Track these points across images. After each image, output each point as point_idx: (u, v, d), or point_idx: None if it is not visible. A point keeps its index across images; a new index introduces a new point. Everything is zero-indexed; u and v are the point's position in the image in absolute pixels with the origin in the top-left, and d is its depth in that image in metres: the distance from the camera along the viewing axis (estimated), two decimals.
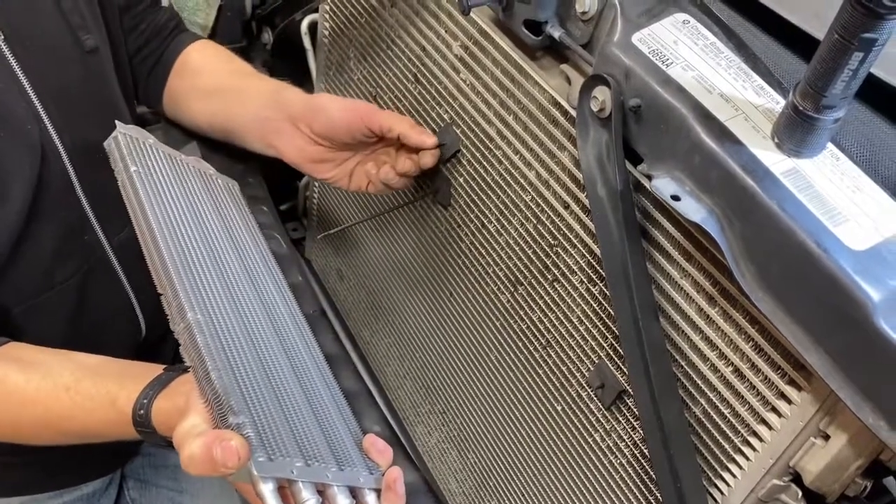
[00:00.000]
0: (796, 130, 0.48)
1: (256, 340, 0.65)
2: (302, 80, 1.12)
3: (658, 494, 0.63)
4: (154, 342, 0.99)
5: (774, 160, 0.49)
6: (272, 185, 1.07)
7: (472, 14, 0.71)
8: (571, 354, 0.70)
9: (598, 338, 0.66)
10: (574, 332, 0.69)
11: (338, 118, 0.81)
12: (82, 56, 0.80)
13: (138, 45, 0.93)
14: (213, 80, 0.94)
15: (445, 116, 0.79)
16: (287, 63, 1.11)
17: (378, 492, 0.62)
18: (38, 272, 0.80)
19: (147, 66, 0.95)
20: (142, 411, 0.63)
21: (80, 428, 0.68)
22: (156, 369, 0.68)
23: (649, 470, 0.64)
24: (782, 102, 0.52)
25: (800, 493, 0.54)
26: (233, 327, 0.63)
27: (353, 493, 0.59)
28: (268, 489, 0.53)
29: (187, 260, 0.66)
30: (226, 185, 0.85)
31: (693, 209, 0.51)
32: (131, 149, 0.72)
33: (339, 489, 0.58)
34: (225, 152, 1.00)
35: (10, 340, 0.73)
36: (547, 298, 0.71)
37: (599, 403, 0.68)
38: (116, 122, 0.75)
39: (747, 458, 0.56)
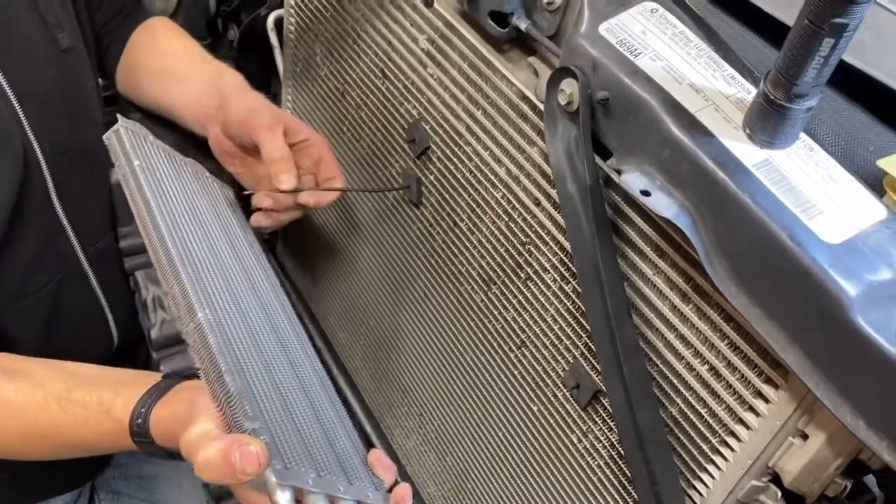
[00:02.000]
0: (768, 121, 0.46)
1: (260, 345, 0.63)
2: (269, 77, 1.09)
3: (636, 495, 0.61)
4: (126, 351, 0.96)
5: (746, 152, 0.48)
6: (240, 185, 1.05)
7: (436, 5, 0.69)
8: (546, 354, 0.68)
9: (573, 336, 0.65)
10: (548, 332, 0.67)
11: (233, 117, 0.79)
12: (58, 55, 0.78)
13: (101, 23, 0.92)
14: (160, 60, 0.92)
15: (414, 112, 0.77)
16: (254, 60, 1.08)
17: None
18: (15, 279, 0.77)
19: (104, 44, 0.94)
20: (139, 420, 0.61)
21: (73, 440, 0.65)
22: (151, 377, 0.65)
23: (627, 471, 0.62)
24: (753, 92, 0.51)
25: (779, 494, 0.52)
26: (239, 329, 0.61)
27: None
28: (285, 498, 0.50)
29: (192, 258, 0.63)
30: (221, 187, 0.82)
31: (664, 204, 0.49)
32: (133, 143, 0.70)
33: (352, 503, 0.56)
34: (194, 152, 0.98)
35: None
36: (521, 297, 0.70)
37: (575, 404, 0.66)
38: (118, 115, 0.73)
39: (725, 459, 0.54)
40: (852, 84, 0.56)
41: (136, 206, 0.65)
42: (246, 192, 0.84)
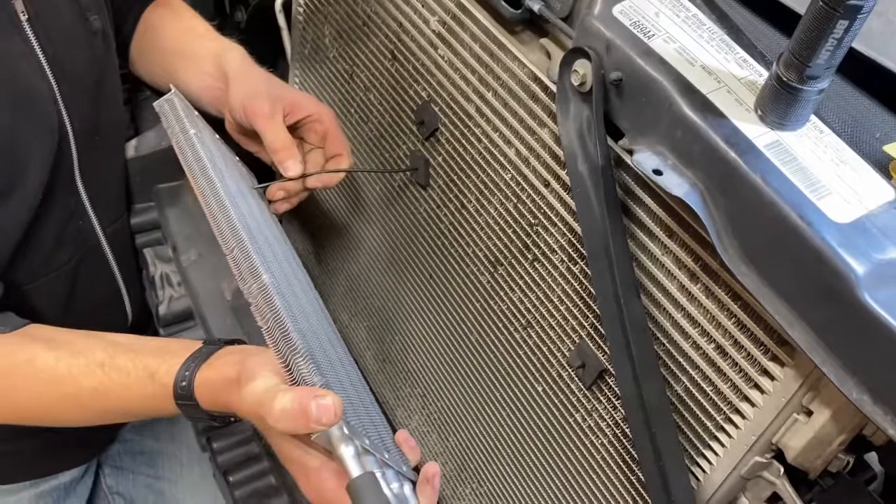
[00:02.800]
0: (780, 102, 0.47)
1: (307, 314, 0.64)
2: (277, 58, 1.10)
3: (640, 474, 0.63)
4: (139, 328, 0.97)
5: (757, 133, 0.48)
6: (246, 164, 1.05)
7: None
8: (552, 334, 0.69)
9: (579, 317, 0.65)
10: (555, 312, 0.68)
11: (236, 103, 0.80)
12: (89, 37, 0.79)
13: (117, 5, 0.92)
14: (168, 41, 0.93)
15: (423, 94, 0.78)
16: (261, 42, 1.08)
17: (413, 483, 0.61)
18: (38, 258, 0.79)
19: (118, 25, 0.94)
20: (184, 383, 0.62)
21: (116, 404, 0.66)
22: (191, 344, 0.66)
23: (631, 449, 0.63)
24: (765, 75, 0.51)
25: (782, 470, 0.53)
26: (290, 296, 0.62)
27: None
28: (349, 452, 0.51)
29: (247, 224, 0.64)
30: (246, 170, 0.83)
31: (675, 183, 0.50)
32: (188, 111, 0.70)
33: (393, 472, 0.57)
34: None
35: (31, 322, 0.71)
36: (527, 278, 0.70)
37: (580, 383, 0.67)
38: (171, 85, 0.72)
39: (730, 436, 0.55)
40: (859, 71, 0.57)
41: (192, 172, 0.65)
42: (257, 187, 0.84)
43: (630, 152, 0.55)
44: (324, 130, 0.81)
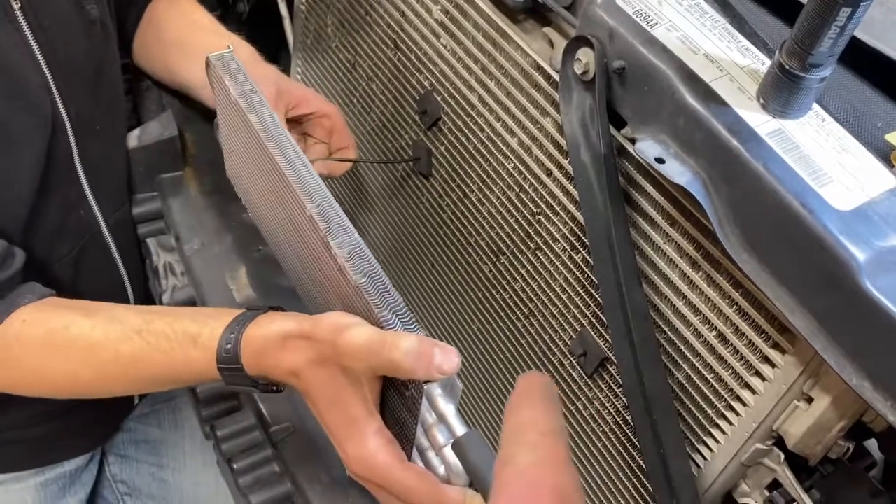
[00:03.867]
0: (782, 90, 0.47)
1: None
2: (279, 48, 1.10)
3: (641, 461, 0.63)
4: None
5: (760, 121, 0.49)
6: None
7: None
8: (554, 323, 0.69)
9: (581, 306, 0.66)
10: (556, 301, 0.68)
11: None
12: (86, 26, 0.79)
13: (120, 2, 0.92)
14: (173, 34, 0.92)
15: (426, 83, 0.78)
16: (263, 32, 1.08)
17: None
18: (41, 248, 0.79)
19: (122, 17, 0.94)
20: (229, 346, 0.60)
21: (155, 371, 0.65)
22: (227, 310, 0.64)
23: (632, 437, 0.64)
24: (768, 63, 0.51)
25: (782, 457, 0.54)
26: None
27: None
28: (451, 411, 0.51)
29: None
30: None
31: (678, 171, 0.50)
32: (243, 70, 0.67)
33: None
34: (201, 121, 0.99)
35: (55, 293, 0.71)
36: (529, 267, 0.71)
37: (582, 371, 0.67)
38: (229, 44, 0.71)
39: (730, 423, 0.55)
40: (861, 60, 0.57)
41: (261, 131, 0.62)
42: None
43: (633, 141, 0.55)
44: (330, 126, 0.82)
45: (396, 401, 0.55)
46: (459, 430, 0.51)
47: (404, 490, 0.52)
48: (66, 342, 0.66)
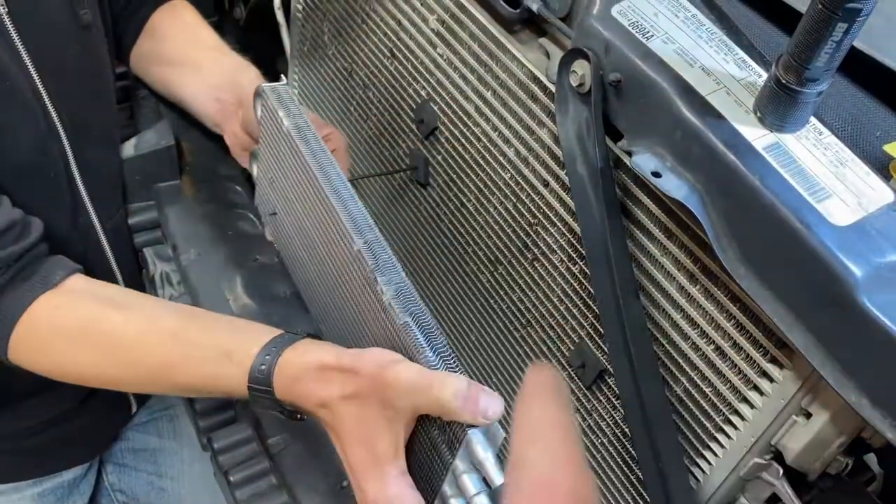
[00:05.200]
0: (779, 104, 0.47)
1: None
2: (276, 56, 1.09)
3: (639, 473, 0.63)
4: None
5: (756, 135, 0.48)
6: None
7: None
8: (552, 334, 0.69)
9: (579, 317, 0.65)
10: (554, 312, 0.68)
11: (252, 116, 0.78)
12: (78, 31, 0.78)
13: (122, 5, 0.92)
14: (174, 48, 0.92)
15: (423, 93, 0.78)
16: (260, 39, 1.08)
17: None
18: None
19: (122, 26, 0.93)
20: (263, 367, 0.58)
21: (183, 379, 0.64)
22: (262, 326, 0.63)
23: (630, 449, 0.63)
24: (764, 76, 0.51)
25: (781, 471, 0.53)
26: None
27: None
28: (490, 460, 0.50)
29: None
30: None
31: (674, 185, 0.50)
32: (295, 101, 0.68)
33: None
34: (197, 130, 0.98)
35: (80, 268, 0.70)
36: (527, 278, 0.70)
37: (580, 383, 0.67)
38: (282, 76, 0.71)
39: (729, 437, 0.55)
40: (859, 68, 0.57)
41: (312, 164, 0.62)
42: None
43: (629, 153, 0.54)
44: (332, 148, 0.81)
45: (426, 446, 0.54)
46: (498, 479, 0.50)
47: None
48: (96, 336, 0.65)
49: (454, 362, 0.53)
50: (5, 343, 0.66)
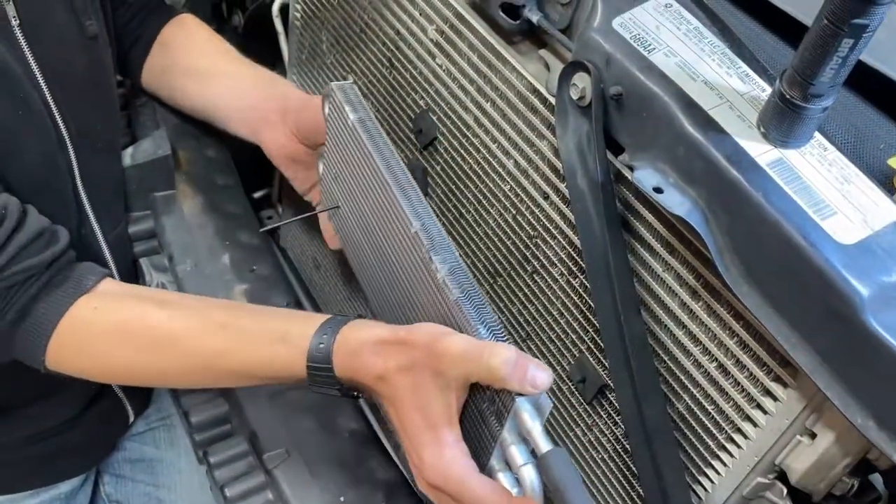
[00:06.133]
0: (783, 120, 0.46)
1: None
2: (274, 64, 1.09)
3: (640, 490, 0.62)
4: None
5: (760, 150, 0.47)
6: (245, 171, 1.04)
7: None
8: (552, 347, 0.68)
9: (579, 331, 0.65)
10: (554, 325, 0.67)
11: (314, 123, 0.79)
12: (85, 43, 0.78)
13: (126, 20, 0.91)
14: (196, 59, 0.92)
15: (421, 103, 0.77)
16: (258, 47, 1.07)
17: None
18: None
19: (130, 40, 0.93)
20: (321, 344, 0.60)
21: (238, 364, 0.64)
22: (314, 314, 0.64)
23: (632, 465, 0.62)
24: (768, 90, 0.51)
25: (785, 491, 0.52)
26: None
27: None
28: (538, 429, 0.52)
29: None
30: None
31: (676, 202, 0.49)
32: (360, 98, 0.71)
33: None
34: (194, 139, 0.98)
35: (110, 273, 0.70)
36: (526, 290, 0.70)
37: (581, 398, 0.66)
38: (351, 77, 0.75)
39: (731, 456, 0.54)
40: (863, 80, 0.56)
41: (374, 153, 0.66)
42: (263, 230, 0.88)
43: (631, 168, 0.54)
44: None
45: (476, 419, 0.56)
46: (545, 447, 0.51)
47: (478, 500, 0.52)
48: (140, 332, 0.65)
49: (504, 337, 0.55)
50: (43, 350, 0.66)
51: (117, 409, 0.97)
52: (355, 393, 0.62)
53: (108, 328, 0.66)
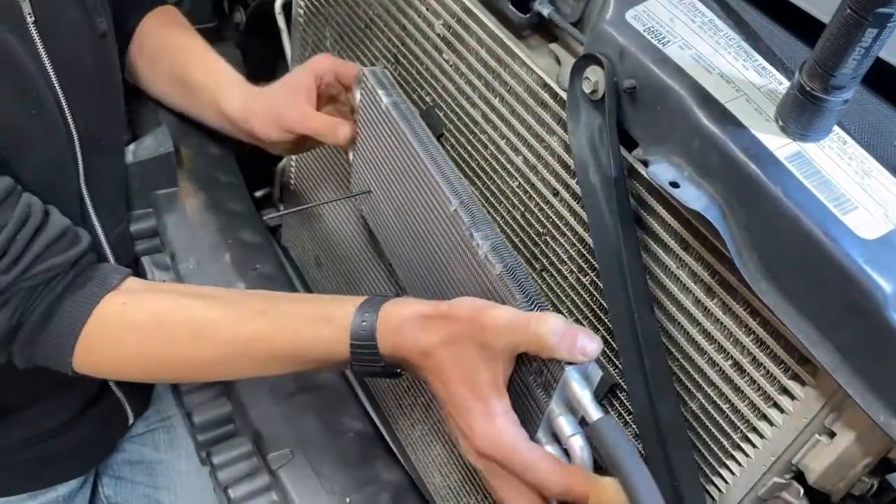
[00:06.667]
0: (802, 112, 0.45)
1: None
2: (276, 61, 1.08)
3: None
4: None
5: (778, 144, 0.47)
6: (247, 170, 1.03)
7: None
8: None
9: (589, 329, 0.64)
10: None
11: (284, 121, 0.82)
12: (95, 40, 0.78)
13: (115, 13, 0.90)
14: (178, 70, 0.92)
15: (427, 99, 0.76)
16: (261, 44, 1.07)
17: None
18: None
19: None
20: (364, 323, 0.60)
21: (279, 349, 0.63)
22: (349, 297, 0.64)
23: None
24: (785, 83, 0.50)
25: (802, 491, 0.51)
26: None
27: None
28: (587, 397, 0.52)
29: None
30: None
31: (693, 196, 0.48)
32: (393, 83, 0.73)
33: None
34: (196, 136, 0.97)
35: (131, 272, 0.69)
36: None
37: None
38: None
39: (747, 455, 0.53)
40: (877, 75, 0.55)
41: (409, 134, 0.67)
42: (269, 217, 0.92)
43: (644, 163, 0.53)
44: (332, 81, 0.82)
45: (522, 392, 0.56)
46: (596, 415, 0.51)
47: (530, 466, 0.53)
48: (176, 323, 0.64)
49: (548, 309, 0.55)
50: (71, 351, 0.65)
51: (116, 411, 0.96)
52: (399, 370, 0.62)
53: (141, 321, 0.65)
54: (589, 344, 0.52)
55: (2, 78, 0.66)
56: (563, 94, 0.59)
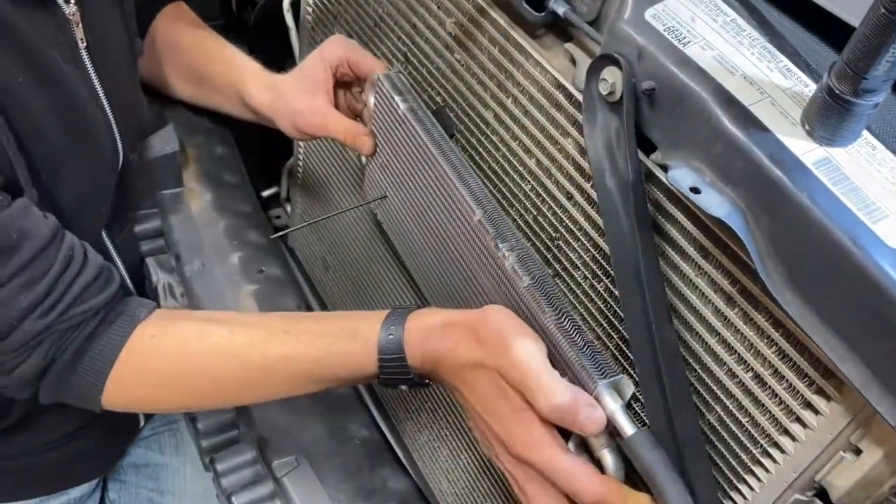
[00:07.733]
0: (831, 116, 0.43)
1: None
2: (285, 60, 1.06)
3: None
4: None
5: (805, 149, 0.45)
6: (253, 169, 1.02)
7: None
8: None
9: (603, 337, 0.62)
10: None
11: (300, 121, 0.81)
12: (133, 61, 0.78)
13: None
14: (193, 64, 0.91)
15: (438, 99, 0.75)
16: (269, 42, 1.05)
17: None
18: None
19: None
20: (391, 336, 0.60)
21: (308, 368, 0.63)
22: (372, 311, 0.64)
23: None
24: (812, 85, 0.48)
25: None
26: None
27: None
28: (620, 411, 0.52)
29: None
30: None
31: (715, 203, 0.46)
32: (409, 88, 0.72)
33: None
34: (202, 136, 0.95)
35: (157, 305, 0.69)
36: None
37: None
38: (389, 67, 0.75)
39: (767, 471, 0.51)
40: None
41: (428, 142, 0.66)
42: (274, 236, 0.90)
43: (663, 167, 0.51)
44: (346, 70, 0.81)
45: None
46: (631, 429, 0.51)
47: (567, 473, 0.53)
48: (204, 349, 0.64)
49: (577, 323, 0.55)
50: (101, 387, 0.64)
51: (128, 416, 0.95)
52: (427, 381, 0.62)
53: (170, 351, 0.65)
54: (589, 425, 0.52)
55: (58, 113, 0.65)
56: (579, 96, 0.57)
